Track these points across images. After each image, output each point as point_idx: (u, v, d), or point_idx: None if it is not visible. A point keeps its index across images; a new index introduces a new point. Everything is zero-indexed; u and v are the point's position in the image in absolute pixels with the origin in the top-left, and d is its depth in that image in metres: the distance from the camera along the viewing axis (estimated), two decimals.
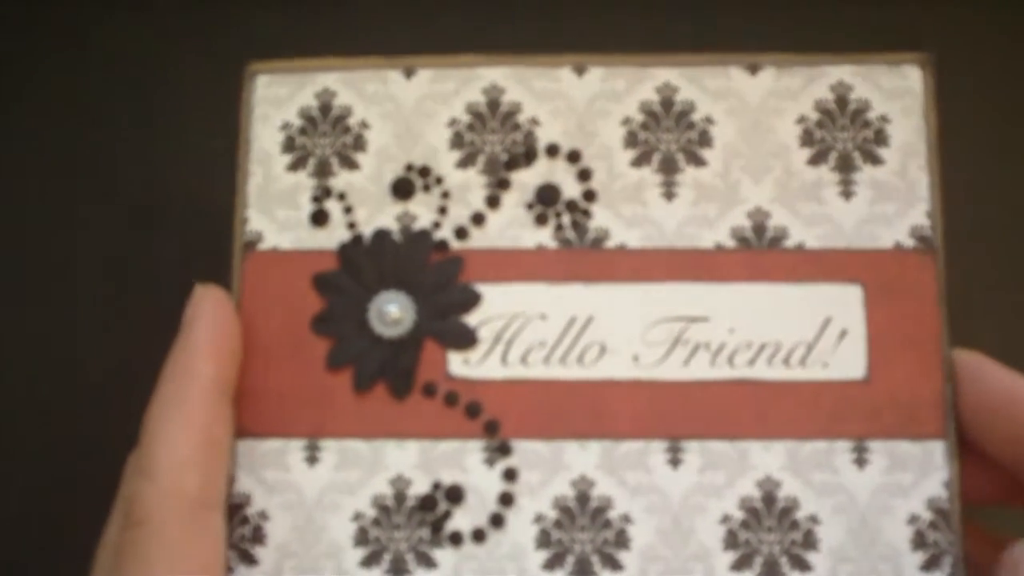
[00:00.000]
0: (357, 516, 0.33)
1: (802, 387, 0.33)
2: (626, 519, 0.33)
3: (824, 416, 0.33)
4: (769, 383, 0.33)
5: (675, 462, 0.33)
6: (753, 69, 0.35)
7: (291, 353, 0.34)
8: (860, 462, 0.33)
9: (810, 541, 0.32)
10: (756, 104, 0.35)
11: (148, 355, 0.33)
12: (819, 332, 0.34)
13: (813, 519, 0.33)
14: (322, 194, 0.35)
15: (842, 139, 0.35)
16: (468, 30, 0.35)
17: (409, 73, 0.35)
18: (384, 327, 0.34)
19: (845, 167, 0.34)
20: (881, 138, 0.35)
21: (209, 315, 0.33)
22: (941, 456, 0.33)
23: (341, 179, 0.35)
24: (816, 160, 0.34)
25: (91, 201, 0.43)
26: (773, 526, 0.33)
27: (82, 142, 0.44)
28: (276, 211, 0.35)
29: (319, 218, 0.35)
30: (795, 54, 0.35)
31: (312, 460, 0.33)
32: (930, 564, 0.32)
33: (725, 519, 0.33)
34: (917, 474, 0.33)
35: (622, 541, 0.33)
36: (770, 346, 0.33)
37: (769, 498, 0.33)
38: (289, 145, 0.35)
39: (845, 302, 0.34)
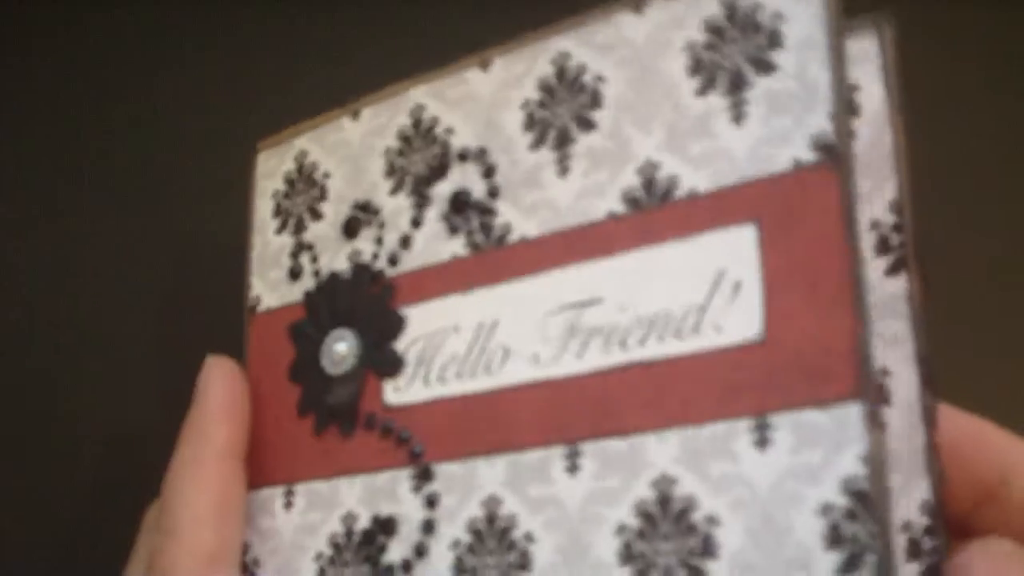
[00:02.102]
0: (318, 556, 0.33)
1: (695, 360, 0.27)
2: (529, 538, 0.29)
3: (720, 391, 0.27)
4: (661, 362, 0.28)
5: (573, 468, 0.29)
6: (637, 6, 0.30)
7: (276, 405, 0.35)
8: (761, 443, 0.26)
9: (709, 548, 0.26)
10: (642, 45, 0.30)
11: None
12: (711, 291, 0.28)
13: (711, 520, 0.26)
14: (297, 249, 0.36)
15: (731, 54, 0.28)
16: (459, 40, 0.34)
17: (356, 115, 0.36)
18: (333, 366, 0.34)
19: (735, 86, 0.28)
20: (775, 40, 0.28)
21: (219, 382, 0.36)
22: (857, 422, 0.25)
23: (311, 231, 0.36)
24: (705, 89, 0.29)
25: (124, 275, 0.48)
26: (670, 533, 0.27)
27: (118, 218, 0.49)
28: (269, 274, 0.37)
29: (294, 272, 0.36)
30: None
31: (288, 505, 0.34)
32: (849, 566, 0.24)
33: (621, 529, 0.28)
34: (828, 449, 0.25)
35: (524, 563, 0.29)
36: (661, 318, 0.28)
37: (664, 499, 0.27)
38: (277, 210, 0.37)
39: (737, 248, 0.27)
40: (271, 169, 0.38)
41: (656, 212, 0.29)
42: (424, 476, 0.31)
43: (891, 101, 0.29)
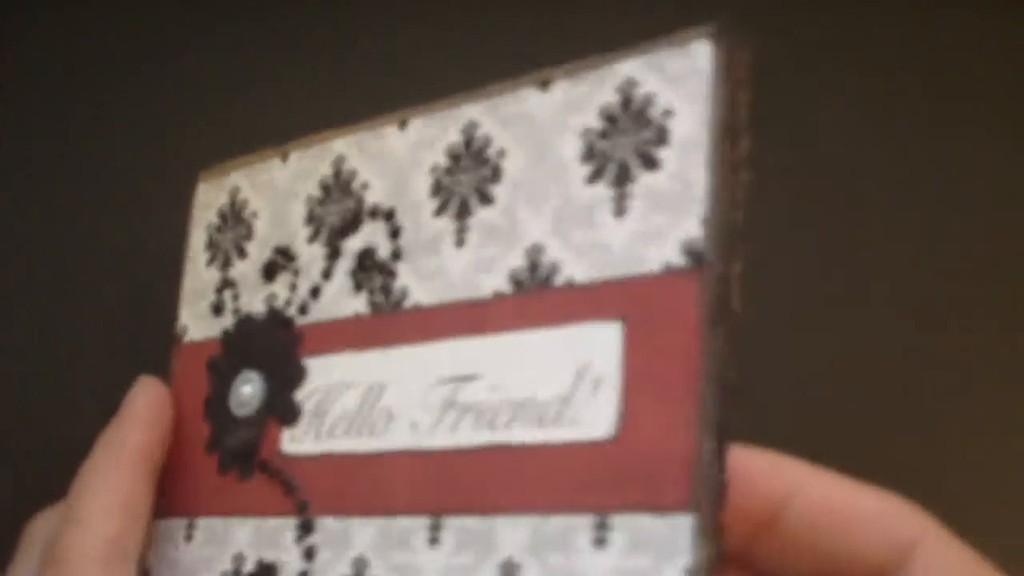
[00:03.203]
0: None
1: (552, 451, 0.28)
2: None
3: (570, 484, 0.27)
4: (522, 447, 0.28)
5: (434, 540, 0.29)
6: (544, 85, 0.30)
7: (189, 437, 0.36)
8: (599, 542, 0.26)
9: None
10: (546, 124, 0.30)
11: None
12: (575, 383, 0.28)
13: None
14: (222, 285, 0.37)
15: (622, 146, 0.29)
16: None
17: (285, 157, 0.36)
18: (239, 408, 0.35)
19: (622, 179, 0.28)
20: (662, 137, 0.28)
21: (144, 396, 0.37)
22: (686, 534, 0.25)
23: (235, 269, 0.37)
24: (594, 177, 0.29)
25: (72, 299, 0.49)
26: None
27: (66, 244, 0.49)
28: (196, 305, 0.38)
29: (217, 308, 0.37)
30: (588, 58, 0.30)
31: (189, 538, 0.35)
32: None
33: None
34: (657, 557, 0.25)
35: None
36: (528, 403, 0.28)
37: None
38: (209, 243, 0.38)
39: (602, 343, 0.28)
40: (208, 200, 0.39)
41: (535, 296, 0.29)
42: (306, 528, 0.32)
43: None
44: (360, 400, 0.32)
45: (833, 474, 0.31)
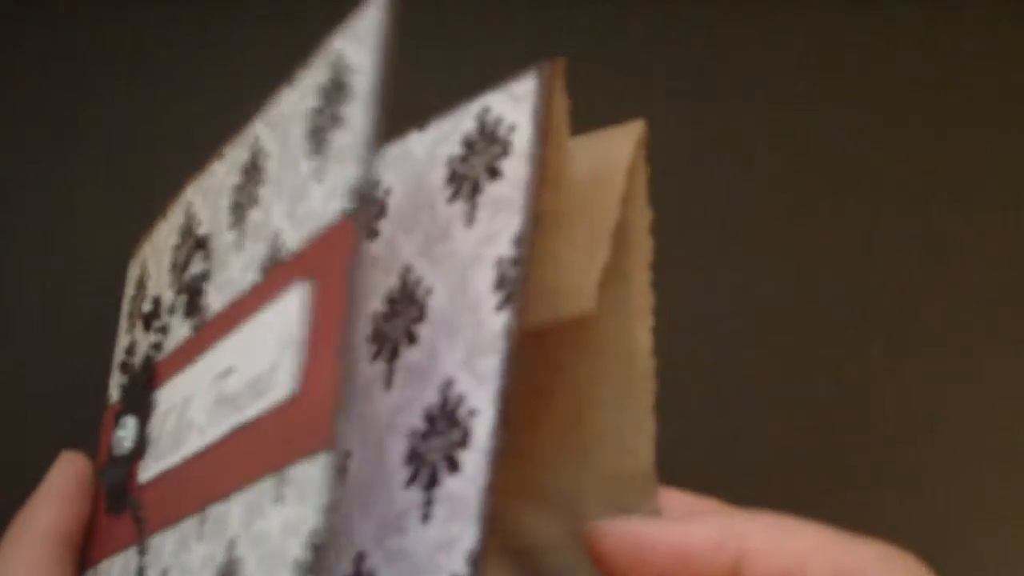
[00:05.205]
0: None
1: (261, 420, 0.27)
2: None
3: (266, 449, 0.27)
4: (249, 424, 0.28)
5: (199, 536, 0.29)
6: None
7: (98, 493, 0.38)
8: (279, 499, 0.26)
9: None
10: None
11: None
12: (282, 350, 0.28)
13: None
14: (130, 347, 0.39)
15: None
16: None
17: (165, 216, 0.39)
18: (116, 451, 0.36)
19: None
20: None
21: (61, 473, 0.39)
22: (324, 473, 0.24)
23: (137, 330, 0.39)
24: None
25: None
26: None
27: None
28: (115, 372, 0.40)
29: (124, 368, 0.39)
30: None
31: None
32: None
33: None
34: (308, 502, 0.24)
35: None
36: (257, 380, 0.28)
37: (232, 562, 0.27)
38: (128, 313, 0.41)
39: (296, 306, 0.27)
40: (130, 276, 0.41)
41: (272, 276, 0.29)
42: (142, 551, 0.33)
43: (535, 138, 0.28)
44: (176, 417, 0.33)
45: (785, 532, 0.28)
